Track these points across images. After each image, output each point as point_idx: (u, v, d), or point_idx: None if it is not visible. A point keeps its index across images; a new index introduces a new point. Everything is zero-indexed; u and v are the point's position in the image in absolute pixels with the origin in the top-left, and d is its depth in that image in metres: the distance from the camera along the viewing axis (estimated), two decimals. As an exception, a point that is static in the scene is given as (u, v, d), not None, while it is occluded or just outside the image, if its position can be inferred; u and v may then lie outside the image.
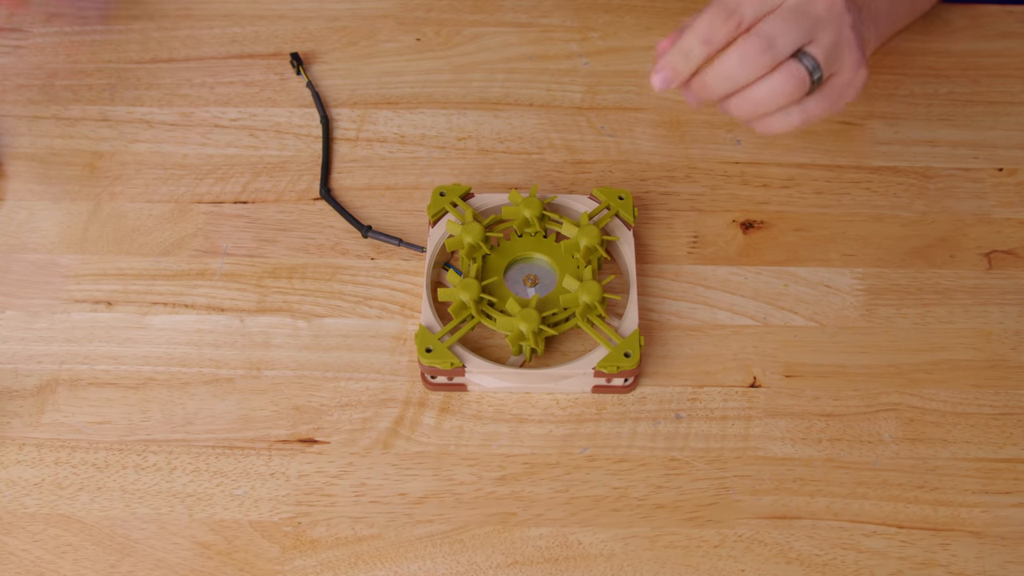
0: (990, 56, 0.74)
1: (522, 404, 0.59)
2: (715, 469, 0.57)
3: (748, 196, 0.67)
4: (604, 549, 0.54)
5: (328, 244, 0.65)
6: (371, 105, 0.72)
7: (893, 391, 0.60)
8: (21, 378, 0.60)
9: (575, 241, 0.60)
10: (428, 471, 0.57)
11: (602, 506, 0.56)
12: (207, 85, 0.73)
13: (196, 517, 0.55)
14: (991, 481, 0.56)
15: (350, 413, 0.59)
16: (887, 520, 0.55)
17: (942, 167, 0.69)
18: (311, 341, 0.61)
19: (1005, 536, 0.55)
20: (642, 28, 0.76)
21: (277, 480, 0.56)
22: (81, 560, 0.54)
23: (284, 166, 0.69)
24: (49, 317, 0.62)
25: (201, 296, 0.63)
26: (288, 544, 0.54)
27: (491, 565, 0.54)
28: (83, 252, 0.65)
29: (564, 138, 0.70)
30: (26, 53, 0.74)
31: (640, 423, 0.58)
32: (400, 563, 0.54)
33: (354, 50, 0.75)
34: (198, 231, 0.66)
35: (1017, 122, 0.71)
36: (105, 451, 0.57)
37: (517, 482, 0.56)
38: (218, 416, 0.58)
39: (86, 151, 0.69)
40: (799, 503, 0.56)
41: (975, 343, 0.61)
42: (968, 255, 0.65)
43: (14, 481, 0.56)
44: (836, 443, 0.58)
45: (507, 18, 0.76)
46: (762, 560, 0.54)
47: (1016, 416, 0.59)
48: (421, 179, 0.68)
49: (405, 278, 0.64)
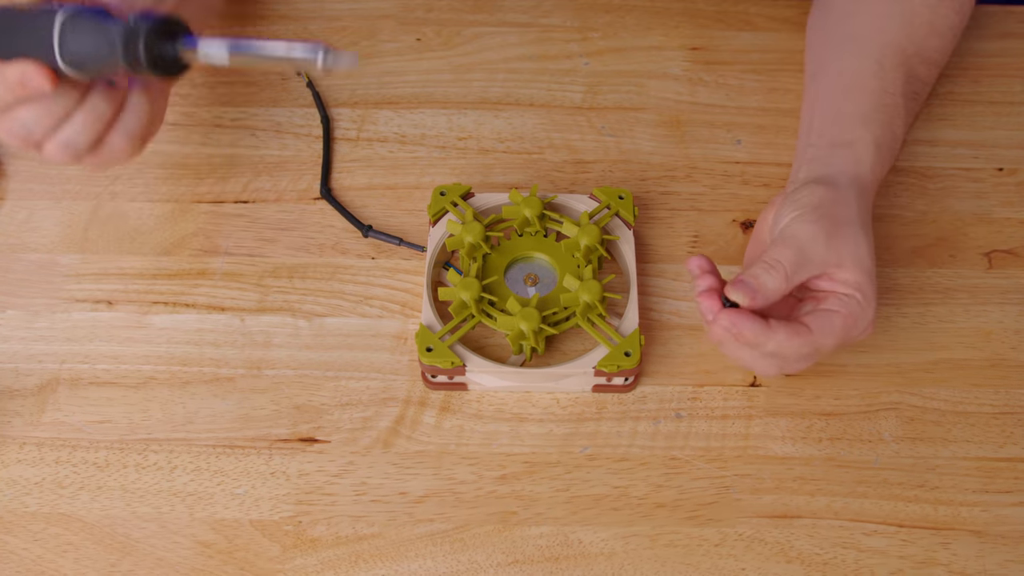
0: (990, 56, 0.74)
1: (522, 403, 0.59)
2: (715, 468, 0.57)
3: (748, 196, 0.67)
4: (604, 548, 0.54)
5: (329, 244, 0.65)
6: (372, 105, 0.72)
7: (893, 390, 0.60)
8: (22, 377, 0.60)
9: (575, 240, 0.60)
10: (429, 470, 0.57)
11: (602, 505, 0.56)
12: (208, 85, 0.73)
13: (197, 516, 0.55)
14: (991, 480, 0.56)
15: (351, 412, 0.59)
16: (887, 519, 0.55)
17: (942, 167, 0.69)
18: (312, 340, 0.61)
19: (1005, 535, 0.55)
20: (642, 28, 0.76)
21: (278, 479, 0.56)
22: (82, 559, 0.54)
23: (285, 166, 0.69)
24: (50, 316, 0.62)
25: (202, 295, 0.63)
26: (289, 543, 0.54)
27: (492, 564, 0.54)
28: (84, 251, 0.65)
29: (564, 138, 0.70)
30: (27, 53, 0.74)
31: (640, 422, 0.58)
32: (400, 562, 0.54)
33: (355, 50, 0.75)
34: (199, 231, 0.66)
35: (1017, 122, 0.71)
36: (106, 450, 0.57)
37: (517, 481, 0.56)
38: (219, 415, 0.58)
39: (87, 151, 0.69)
40: (799, 502, 0.56)
41: (975, 342, 0.61)
42: (968, 255, 0.65)
43: (15, 480, 0.56)
44: (836, 442, 0.58)
45: (507, 18, 0.77)
46: (762, 559, 0.54)
47: (1016, 415, 0.59)
48: (421, 179, 0.68)
49: (406, 277, 0.64)
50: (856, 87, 0.62)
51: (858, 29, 0.65)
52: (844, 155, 0.59)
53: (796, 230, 0.53)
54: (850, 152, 0.59)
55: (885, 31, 0.64)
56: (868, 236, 0.55)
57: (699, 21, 0.76)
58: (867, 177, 0.58)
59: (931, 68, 0.65)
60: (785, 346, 0.51)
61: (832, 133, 0.60)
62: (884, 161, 0.60)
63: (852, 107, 0.61)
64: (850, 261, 0.53)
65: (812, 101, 0.64)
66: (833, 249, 0.53)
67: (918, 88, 0.64)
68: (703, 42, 0.75)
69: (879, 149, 0.59)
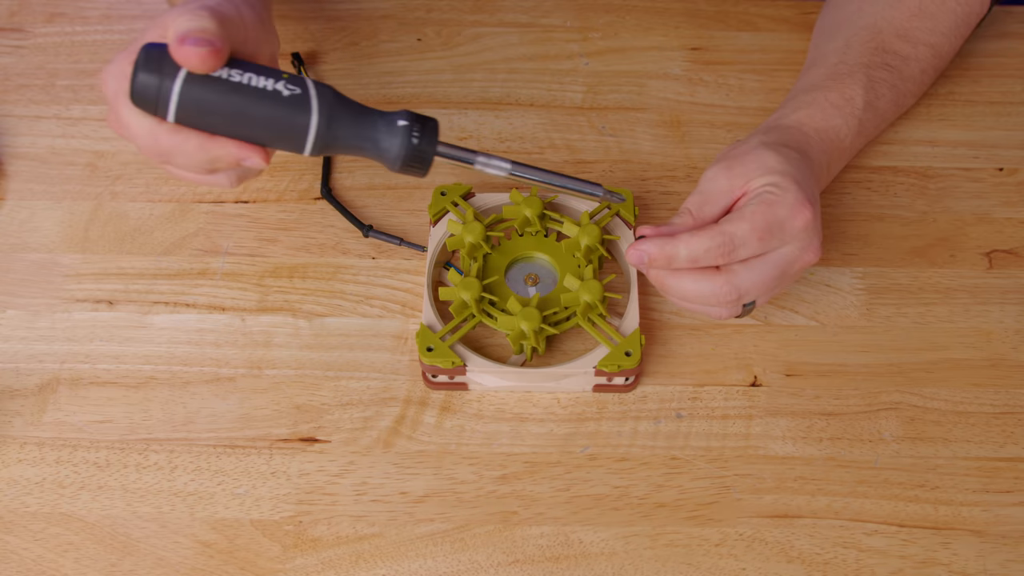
0: (990, 56, 0.74)
1: (523, 403, 0.59)
2: (716, 468, 0.57)
3: (749, 196, 0.67)
4: (605, 548, 0.54)
5: (329, 243, 0.65)
6: (372, 105, 0.72)
7: (894, 390, 0.60)
8: (22, 377, 0.60)
9: (576, 240, 0.60)
10: (429, 470, 0.57)
11: (603, 505, 0.56)
12: (208, 85, 0.73)
13: (197, 516, 0.55)
14: (992, 480, 0.57)
15: (351, 412, 0.59)
16: (888, 519, 0.55)
17: (942, 167, 0.69)
18: (312, 340, 0.61)
19: (1006, 535, 0.55)
20: (642, 28, 0.76)
21: (278, 479, 0.56)
22: (82, 559, 0.54)
23: (285, 166, 0.69)
24: (50, 316, 0.62)
25: (202, 295, 0.63)
26: (289, 543, 0.54)
27: (492, 564, 0.54)
28: (84, 252, 0.65)
29: (565, 138, 0.70)
30: (27, 53, 0.74)
31: (641, 422, 0.58)
32: (401, 562, 0.54)
33: (355, 50, 0.75)
34: (199, 230, 0.66)
35: (1017, 122, 0.71)
36: (106, 450, 0.57)
37: (518, 481, 0.56)
38: (219, 415, 0.58)
39: (87, 151, 0.69)
40: (800, 502, 0.56)
41: (975, 342, 0.61)
42: (968, 255, 0.65)
43: (15, 480, 0.56)
44: (837, 442, 0.58)
45: (508, 18, 0.77)
46: (763, 559, 0.54)
47: (1016, 415, 0.59)
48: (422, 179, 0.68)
49: (406, 277, 0.64)
50: (816, 63, 0.65)
51: (840, 17, 0.68)
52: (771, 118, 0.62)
53: (701, 178, 0.56)
54: (777, 115, 0.62)
55: (864, 14, 0.66)
56: (778, 152, 0.56)
57: (699, 21, 0.76)
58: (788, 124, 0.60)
59: (916, 46, 0.65)
60: (695, 246, 0.52)
61: (779, 107, 0.64)
62: (828, 118, 0.61)
63: (804, 81, 0.64)
64: (757, 172, 0.54)
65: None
66: (738, 175, 0.55)
67: (893, 61, 0.64)
68: (703, 42, 0.75)
69: (818, 108, 0.61)
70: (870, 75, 0.63)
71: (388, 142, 0.50)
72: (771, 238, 0.52)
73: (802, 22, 0.75)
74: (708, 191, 0.55)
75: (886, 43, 0.65)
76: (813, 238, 0.54)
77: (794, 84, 0.67)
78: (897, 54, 0.65)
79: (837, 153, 0.62)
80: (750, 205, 0.53)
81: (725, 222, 0.53)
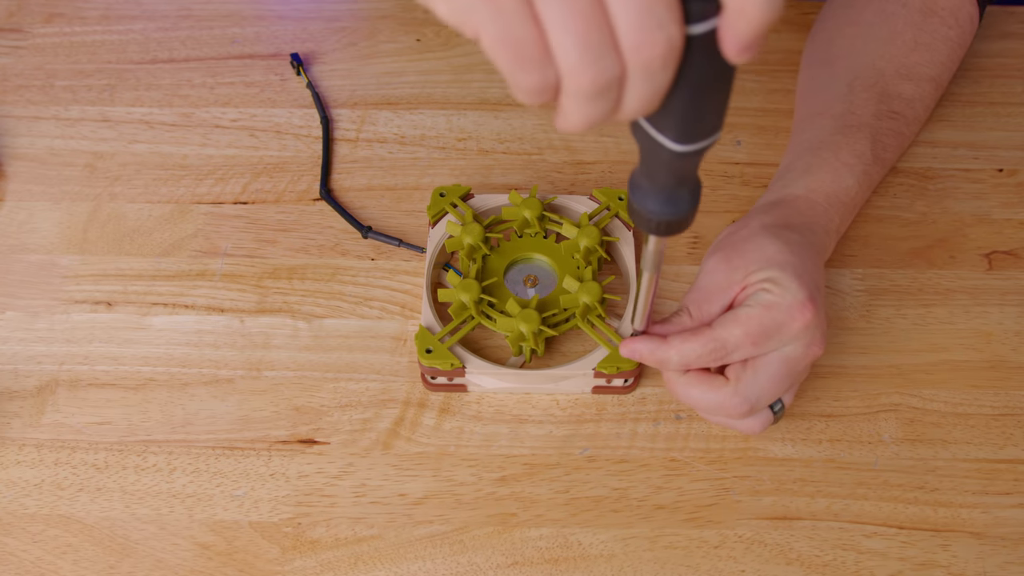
0: (990, 56, 0.74)
1: (522, 405, 0.59)
2: (715, 470, 0.57)
3: (748, 196, 0.67)
4: (604, 550, 0.54)
5: (328, 245, 0.65)
6: (371, 106, 0.72)
7: (893, 392, 0.60)
8: (21, 379, 0.60)
9: (575, 242, 0.60)
10: (428, 472, 0.57)
11: (602, 507, 0.56)
12: (207, 86, 0.73)
13: (196, 518, 0.55)
14: (991, 482, 0.56)
15: (350, 414, 0.59)
16: (887, 521, 0.55)
17: (942, 167, 0.69)
18: (311, 342, 0.61)
19: (1005, 537, 0.55)
20: (642, 28, 0.76)
21: (277, 481, 0.56)
22: (81, 561, 0.54)
23: (284, 167, 0.69)
24: (49, 318, 0.62)
25: (201, 297, 0.63)
26: (288, 545, 0.54)
27: (491, 566, 0.54)
28: (83, 253, 0.65)
29: (564, 139, 0.70)
30: (26, 53, 0.74)
31: (640, 424, 0.58)
32: (400, 564, 0.54)
33: (354, 51, 0.75)
34: (198, 232, 0.66)
35: (1017, 122, 0.71)
36: (105, 452, 0.57)
37: (517, 483, 0.56)
38: (218, 417, 0.58)
39: (86, 151, 0.69)
40: (799, 504, 0.56)
41: (975, 343, 0.61)
42: (968, 256, 0.65)
43: (14, 482, 0.56)
44: (836, 444, 0.58)
45: (507, 18, 0.76)
46: (762, 561, 0.54)
47: (1016, 417, 0.59)
48: (421, 180, 0.68)
49: (405, 279, 0.64)
50: (821, 113, 0.63)
51: (835, 52, 0.66)
52: (778, 183, 0.60)
53: (700, 269, 0.55)
54: (784, 179, 0.60)
55: (861, 52, 0.64)
56: (779, 238, 0.54)
57: (699, 21, 0.76)
58: (795, 194, 0.58)
59: (920, 83, 0.64)
60: (686, 352, 0.51)
61: (785, 163, 0.62)
62: (840, 179, 0.59)
63: (811, 134, 0.62)
64: (756, 265, 0.52)
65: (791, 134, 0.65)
66: (737, 268, 0.53)
67: (899, 107, 0.63)
68: (703, 42, 0.75)
69: (830, 170, 0.59)
70: (878, 127, 0.62)
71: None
72: (767, 341, 0.51)
73: (802, 22, 0.75)
74: (707, 287, 0.53)
75: (890, 86, 0.63)
76: (816, 334, 0.52)
77: (793, 125, 0.65)
78: (901, 97, 0.63)
79: (849, 212, 0.60)
80: (745, 307, 0.51)
81: (719, 326, 0.51)
